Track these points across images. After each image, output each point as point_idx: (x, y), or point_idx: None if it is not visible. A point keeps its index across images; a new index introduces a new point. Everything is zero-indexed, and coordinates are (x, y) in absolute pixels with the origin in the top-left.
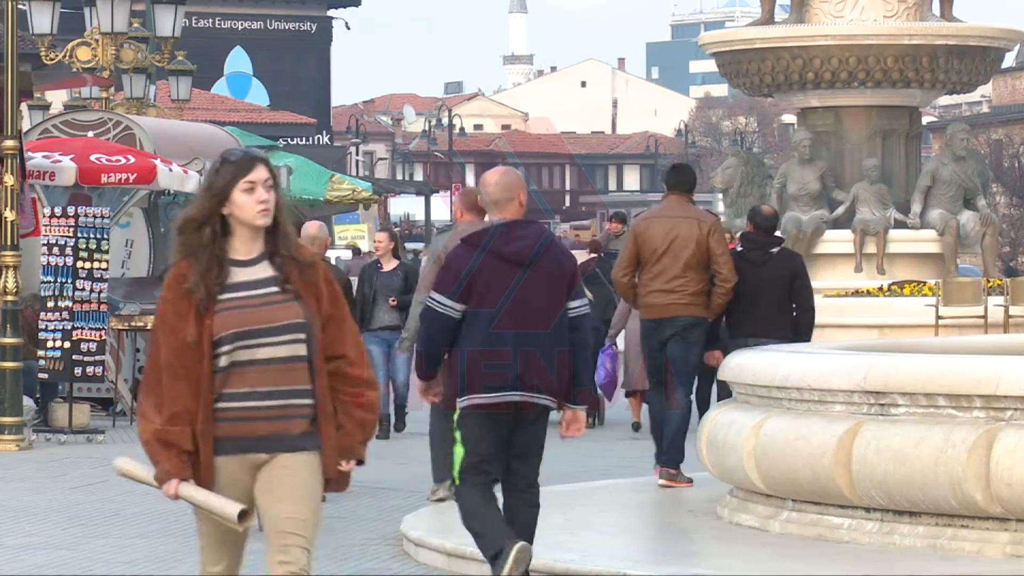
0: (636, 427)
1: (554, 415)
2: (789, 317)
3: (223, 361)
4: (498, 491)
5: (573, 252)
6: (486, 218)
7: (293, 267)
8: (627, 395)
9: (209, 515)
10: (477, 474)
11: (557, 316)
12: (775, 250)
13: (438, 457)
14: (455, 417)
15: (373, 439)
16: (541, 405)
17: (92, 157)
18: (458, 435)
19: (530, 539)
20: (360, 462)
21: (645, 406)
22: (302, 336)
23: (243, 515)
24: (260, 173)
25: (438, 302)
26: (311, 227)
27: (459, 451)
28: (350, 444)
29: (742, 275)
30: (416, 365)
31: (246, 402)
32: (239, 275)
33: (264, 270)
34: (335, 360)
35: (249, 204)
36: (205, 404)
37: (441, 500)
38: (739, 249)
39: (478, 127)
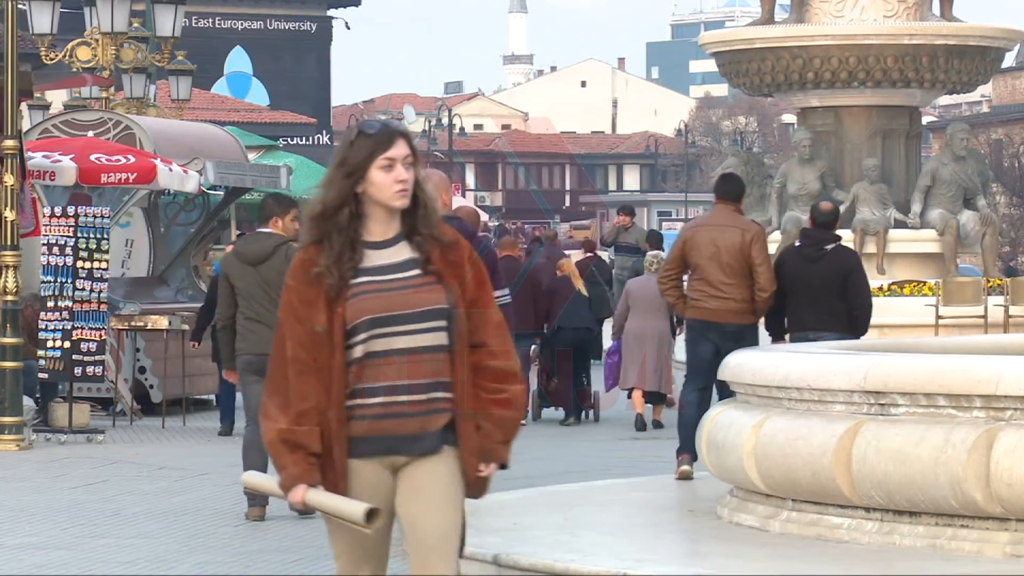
0: (640, 424)
1: (551, 414)
2: (844, 312)
3: (357, 352)
4: None
5: (568, 252)
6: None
7: (435, 247)
8: (629, 395)
9: (340, 522)
10: None
11: None
12: (830, 247)
13: None
14: None
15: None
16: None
17: (92, 157)
18: None
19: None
20: (503, 466)
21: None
22: (443, 323)
23: (370, 515)
24: (400, 149)
25: None
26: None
27: None
28: (490, 446)
29: (798, 270)
30: None
31: (383, 397)
32: (374, 257)
33: (402, 251)
34: (476, 350)
35: (386, 184)
36: (337, 401)
37: None
38: (797, 244)
39: (478, 127)
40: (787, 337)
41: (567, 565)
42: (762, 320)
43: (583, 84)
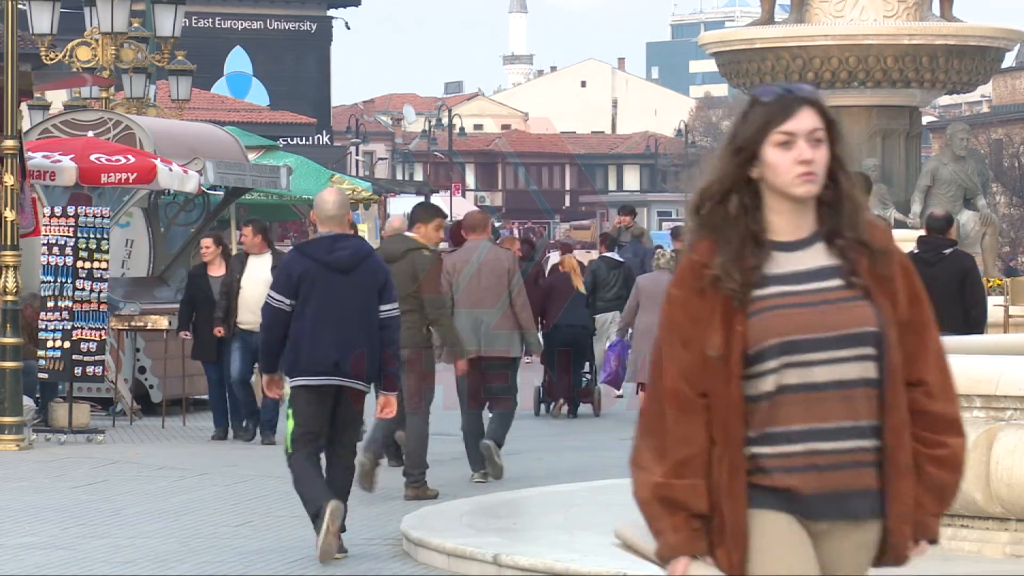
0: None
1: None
2: (960, 312)
3: (764, 385)
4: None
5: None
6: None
7: (861, 254)
8: (638, 390)
9: None
10: (305, 444)
11: (369, 316)
12: (948, 251)
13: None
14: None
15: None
16: (357, 389)
17: (92, 157)
18: (290, 411)
19: (345, 497)
20: (933, 541)
21: None
22: (872, 350)
23: None
24: (804, 121)
25: (273, 298)
26: (395, 220)
27: (290, 424)
28: (923, 518)
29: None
30: (260, 354)
31: (799, 445)
32: (782, 262)
33: (817, 256)
34: (911, 388)
35: (784, 165)
36: (733, 447)
37: (482, 480)
38: (915, 251)
39: (478, 127)
40: None
41: (567, 565)
42: None
43: (583, 84)
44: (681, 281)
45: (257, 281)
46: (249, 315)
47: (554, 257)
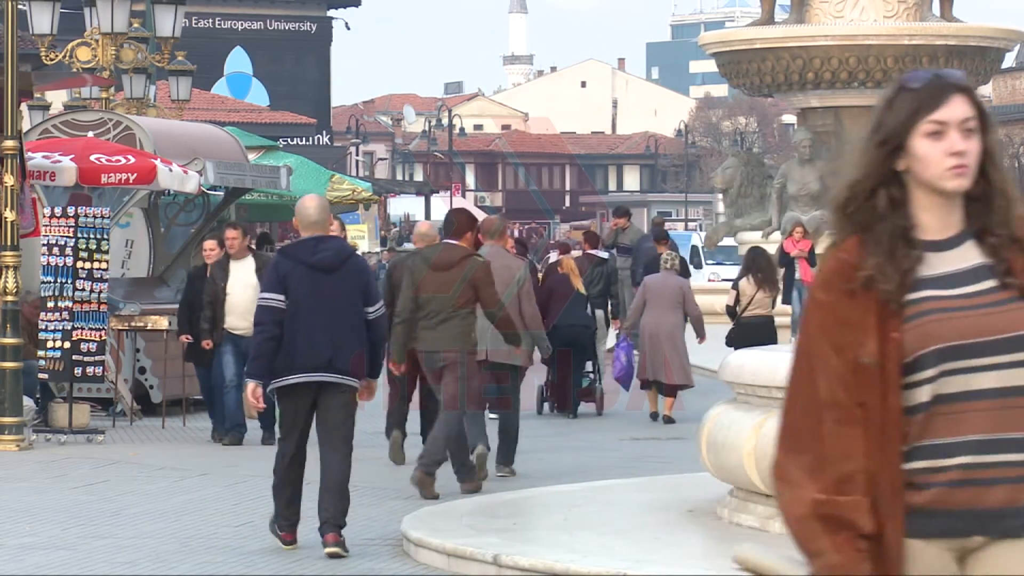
0: (655, 417)
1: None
2: None
3: (922, 394)
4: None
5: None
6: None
7: (1015, 252)
8: (643, 386)
9: None
10: (291, 431)
11: (354, 314)
12: None
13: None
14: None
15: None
16: (345, 384)
17: (92, 157)
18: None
19: (341, 487)
20: None
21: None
22: None
23: None
24: (956, 109)
25: (266, 298)
26: (423, 226)
27: (279, 411)
28: None
29: None
30: (250, 359)
31: (963, 457)
32: (933, 263)
33: (969, 256)
34: None
35: (934, 158)
36: (892, 461)
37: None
38: None
39: (478, 127)
40: None
41: (567, 565)
42: None
43: (583, 84)
44: (828, 283)
45: (244, 285)
46: (238, 320)
47: (552, 256)
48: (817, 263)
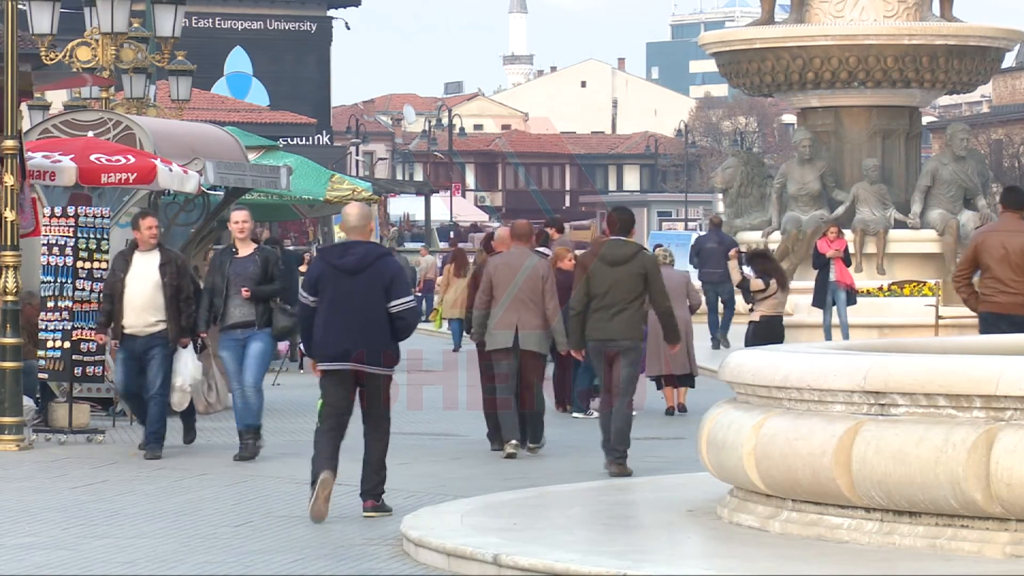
0: (670, 412)
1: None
2: None
3: None
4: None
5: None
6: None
7: None
8: (658, 387)
9: None
10: (328, 418)
11: (378, 310)
12: None
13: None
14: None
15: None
16: (372, 373)
17: (92, 157)
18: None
19: (380, 462)
20: None
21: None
22: None
23: None
24: None
25: (303, 297)
26: (503, 230)
27: (320, 403)
28: None
29: None
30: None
31: None
32: None
33: None
34: None
35: None
36: None
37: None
38: None
39: (478, 127)
40: None
41: (567, 565)
42: None
43: (583, 84)
44: None
45: (144, 281)
46: (134, 317)
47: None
48: (851, 262)
